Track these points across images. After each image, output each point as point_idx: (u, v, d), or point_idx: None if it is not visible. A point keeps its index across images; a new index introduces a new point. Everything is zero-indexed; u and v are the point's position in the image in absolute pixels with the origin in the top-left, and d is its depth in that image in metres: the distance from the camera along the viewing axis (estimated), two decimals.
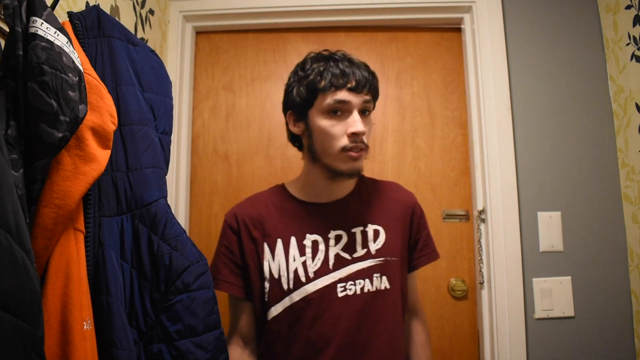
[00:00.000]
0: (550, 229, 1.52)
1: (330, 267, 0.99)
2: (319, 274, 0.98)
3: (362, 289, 0.99)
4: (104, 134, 0.73)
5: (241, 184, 1.68)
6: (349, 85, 0.95)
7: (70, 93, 0.64)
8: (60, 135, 0.62)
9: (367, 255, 1.01)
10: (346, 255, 1.00)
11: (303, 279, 0.98)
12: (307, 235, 1.01)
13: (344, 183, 1.05)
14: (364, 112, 0.98)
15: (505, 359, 1.44)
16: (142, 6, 1.42)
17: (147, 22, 1.47)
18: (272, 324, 1.00)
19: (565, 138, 1.57)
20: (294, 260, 0.99)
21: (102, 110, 0.74)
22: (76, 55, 0.69)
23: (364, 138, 0.95)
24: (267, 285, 1.00)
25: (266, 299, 1.00)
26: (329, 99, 0.95)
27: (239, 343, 1.05)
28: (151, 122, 0.93)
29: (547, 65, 1.61)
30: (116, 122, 0.77)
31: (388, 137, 1.69)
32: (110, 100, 0.77)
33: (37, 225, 0.62)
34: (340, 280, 0.98)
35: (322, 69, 0.98)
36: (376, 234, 1.03)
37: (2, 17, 0.69)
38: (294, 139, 1.08)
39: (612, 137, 1.56)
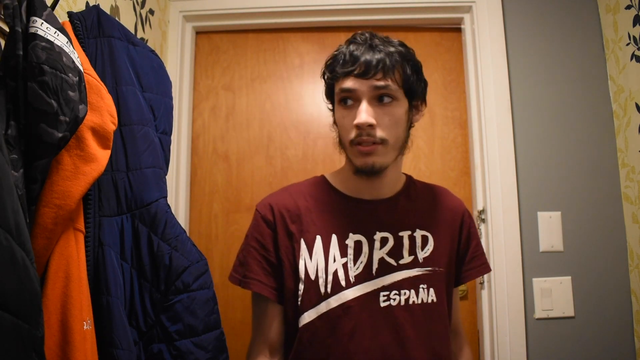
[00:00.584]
0: (550, 229, 1.52)
1: (374, 272, 0.88)
2: (361, 279, 0.87)
3: (406, 300, 0.87)
4: (104, 134, 0.73)
5: (241, 184, 1.68)
6: (355, 72, 0.83)
7: (70, 93, 0.64)
8: (60, 135, 0.62)
9: (414, 263, 0.90)
10: (391, 261, 0.89)
11: (343, 283, 0.86)
12: (350, 235, 0.89)
13: (385, 180, 0.93)
14: (381, 100, 0.84)
15: (505, 359, 1.44)
16: (142, 6, 1.42)
17: (147, 22, 1.47)
18: (304, 331, 0.87)
19: (565, 138, 1.57)
20: (334, 261, 0.88)
21: (102, 110, 0.74)
22: (76, 55, 0.69)
23: (378, 131, 0.82)
24: (301, 287, 0.87)
25: (299, 303, 0.87)
26: (338, 88, 0.87)
27: (265, 353, 0.91)
28: (151, 122, 0.93)
29: (547, 65, 1.61)
30: (116, 122, 0.77)
31: None
32: (110, 100, 0.77)
33: (37, 225, 0.62)
34: (383, 288, 0.87)
35: (336, 53, 0.89)
36: (424, 240, 0.92)
37: (2, 17, 0.69)
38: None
39: (612, 137, 1.56)
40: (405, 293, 0.87)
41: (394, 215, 0.93)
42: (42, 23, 0.63)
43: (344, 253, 0.88)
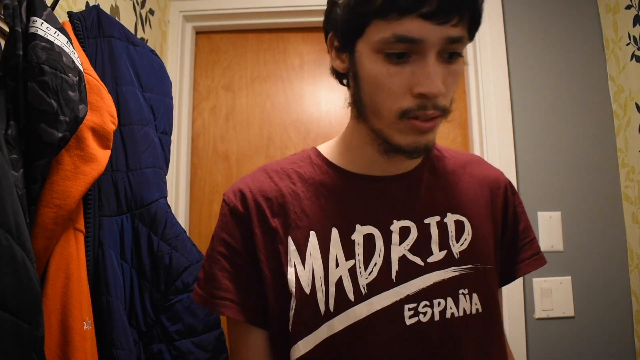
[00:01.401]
0: (550, 229, 1.52)
1: (393, 277, 0.62)
2: (376, 287, 0.62)
3: (442, 312, 0.62)
4: (104, 134, 0.73)
5: None
6: (424, 9, 0.54)
7: (70, 93, 0.64)
8: (60, 135, 0.62)
9: (449, 260, 0.65)
10: (417, 260, 0.64)
11: (351, 296, 0.61)
12: (358, 227, 0.64)
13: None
14: (450, 57, 0.59)
15: None
16: (142, 6, 1.42)
17: (147, 22, 1.47)
18: None
19: (565, 138, 1.57)
20: (337, 265, 0.62)
21: (102, 110, 0.74)
22: (76, 55, 0.69)
23: (441, 100, 0.58)
24: (292, 305, 0.62)
25: (290, 327, 0.63)
26: (388, 32, 0.56)
27: None
28: (151, 122, 0.93)
29: (547, 65, 1.61)
30: (116, 122, 0.77)
31: None
32: (110, 100, 0.77)
33: (37, 225, 0.62)
34: (408, 299, 0.62)
35: None
36: (459, 227, 0.67)
37: (2, 17, 0.69)
38: (338, 74, 0.70)
39: (612, 137, 1.56)
40: (439, 303, 0.62)
41: (416, 196, 0.68)
42: (42, 23, 0.63)
43: (350, 253, 0.63)
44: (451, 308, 0.63)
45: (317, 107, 1.71)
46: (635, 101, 1.45)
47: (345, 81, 0.70)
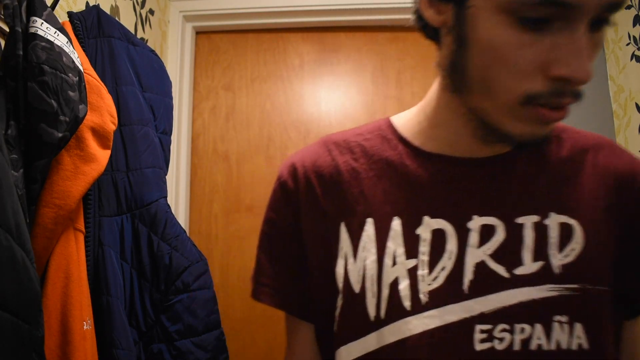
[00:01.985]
0: None
1: (465, 287, 0.49)
2: (441, 297, 0.49)
3: (525, 342, 0.47)
4: (104, 134, 0.73)
5: (241, 184, 1.68)
6: None
7: (70, 93, 0.64)
8: (60, 135, 0.62)
9: (545, 275, 0.49)
10: (500, 270, 0.49)
11: (406, 304, 0.49)
12: (426, 219, 0.52)
13: None
14: (597, 25, 0.44)
15: None
16: (142, 6, 1.42)
17: (147, 22, 1.47)
18: None
19: None
20: (395, 263, 0.51)
21: (102, 110, 0.74)
22: (76, 55, 0.69)
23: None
24: (339, 303, 0.54)
25: (335, 328, 0.54)
26: None
27: None
28: (151, 122, 0.93)
29: None
30: (116, 122, 0.77)
31: None
32: (110, 100, 0.77)
33: (37, 225, 0.62)
34: (482, 318, 0.48)
35: None
36: (566, 232, 0.51)
37: (2, 17, 0.69)
38: (427, 27, 0.55)
39: (612, 137, 1.56)
40: (522, 329, 0.47)
41: (507, 186, 0.53)
42: (42, 23, 0.63)
43: (412, 251, 0.51)
44: (539, 338, 0.47)
45: (317, 107, 1.71)
46: (635, 101, 1.45)
47: (436, 38, 0.54)
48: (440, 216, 0.52)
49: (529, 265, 0.49)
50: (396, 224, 0.53)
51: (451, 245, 0.51)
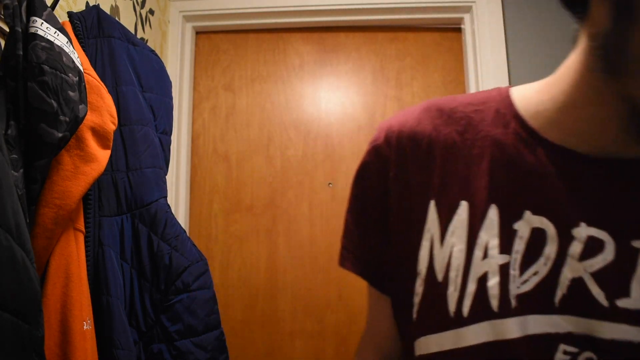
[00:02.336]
0: None
1: (556, 300, 0.43)
2: (529, 304, 0.43)
3: None
4: (104, 134, 0.73)
5: (241, 184, 1.68)
6: None
7: (70, 93, 0.64)
8: (60, 135, 0.62)
9: None
10: (599, 295, 0.42)
11: (494, 303, 0.44)
12: (527, 214, 0.45)
13: None
14: None
15: None
16: (142, 6, 1.42)
17: (147, 22, 1.47)
18: None
19: None
20: (486, 255, 0.45)
21: (102, 110, 0.74)
22: (76, 55, 0.69)
23: None
24: (418, 288, 0.49)
25: (414, 315, 0.49)
26: None
27: (370, 353, 0.60)
28: (151, 122, 0.93)
29: (547, 65, 1.61)
30: (116, 122, 0.77)
31: None
32: (110, 100, 0.77)
33: (37, 225, 0.62)
34: (569, 338, 0.42)
35: None
36: None
37: (2, 17, 0.69)
38: None
39: None
40: None
41: (634, 199, 0.44)
42: (42, 23, 0.63)
43: (506, 245, 0.45)
44: None
45: (317, 107, 1.71)
46: None
47: (579, 5, 0.46)
48: (544, 214, 0.45)
49: (635, 300, 0.41)
50: (493, 212, 0.46)
51: (550, 250, 0.44)
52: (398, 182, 0.52)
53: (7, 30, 0.64)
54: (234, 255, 1.60)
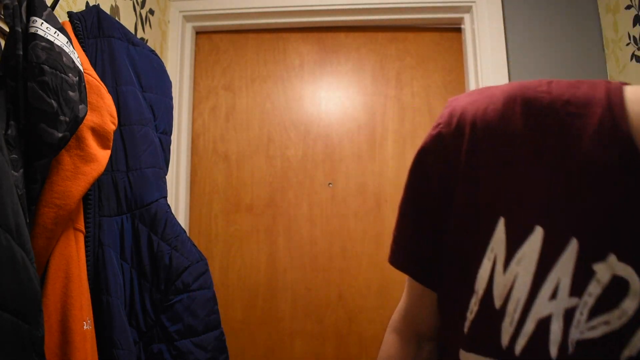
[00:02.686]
0: None
1: (624, 357, 0.38)
2: (588, 351, 0.39)
3: None
4: (104, 134, 0.73)
5: (241, 184, 1.68)
6: None
7: (70, 93, 0.64)
8: (60, 135, 0.62)
9: None
10: None
11: (553, 350, 0.39)
12: (611, 258, 0.38)
13: None
14: None
15: None
16: (142, 6, 1.42)
17: (147, 22, 1.47)
18: None
19: None
20: (553, 296, 0.40)
21: (102, 110, 0.74)
22: (76, 55, 0.69)
23: None
24: (473, 306, 0.44)
25: (465, 329, 0.45)
26: None
27: (402, 327, 0.57)
28: (151, 122, 0.93)
29: (547, 65, 1.61)
30: (116, 122, 0.77)
31: (388, 137, 1.69)
32: (110, 100, 0.77)
33: (37, 225, 0.62)
34: None
35: None
36: None
37: (2, 17, 0.69)
38: None
39: None
40: None
41: None
42: (42, 23, 0.63)
43: (579, 287, 0.39)
44: None
45: (317, 107, 1.71)
46: None
47: None
48: (630, 262, 0.38)
49: None
50: (572, 247, 0.39)
51: (629, 305, 0.37)
52: (467, 180, 0.43)
53: (7, 30, 0.64)
54: (234, 255, 1.60)
